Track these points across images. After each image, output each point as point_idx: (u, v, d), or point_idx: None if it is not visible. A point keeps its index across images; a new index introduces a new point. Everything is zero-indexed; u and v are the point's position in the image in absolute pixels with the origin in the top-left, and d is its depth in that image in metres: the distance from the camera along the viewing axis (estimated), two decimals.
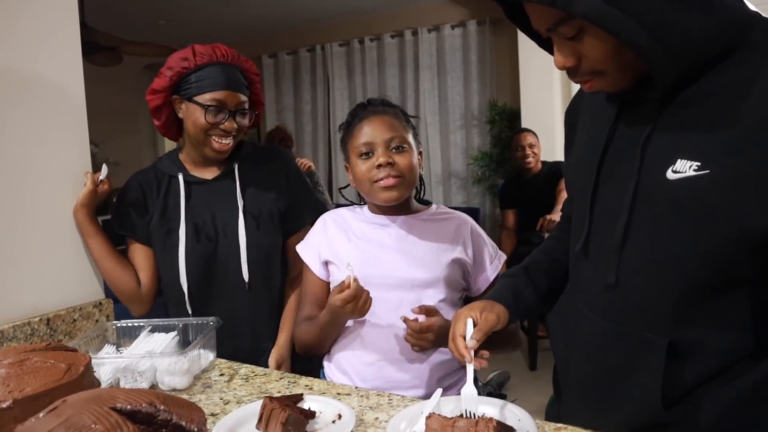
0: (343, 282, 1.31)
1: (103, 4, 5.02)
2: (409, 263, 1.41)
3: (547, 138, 4.63)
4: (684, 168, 0.85)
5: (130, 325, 1.54)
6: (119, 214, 1.71)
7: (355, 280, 1.29)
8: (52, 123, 1.59)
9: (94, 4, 4.48)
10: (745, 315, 0.89)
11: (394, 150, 1.39)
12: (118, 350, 1.47)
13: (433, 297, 1.40)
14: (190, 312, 1.66)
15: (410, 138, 1.43)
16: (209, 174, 1.72)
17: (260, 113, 1.78)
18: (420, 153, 1.47)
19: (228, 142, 1.64)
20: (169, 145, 8.23)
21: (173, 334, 1.47)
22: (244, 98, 1.65)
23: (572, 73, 0.93)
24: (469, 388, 1.12)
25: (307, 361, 1.61)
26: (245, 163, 1.73)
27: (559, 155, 4.79)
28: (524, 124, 4.85)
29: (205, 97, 1.59)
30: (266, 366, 1.48)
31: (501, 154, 5.53)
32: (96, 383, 1.06)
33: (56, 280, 1.59)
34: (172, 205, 1.69)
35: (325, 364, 1.52)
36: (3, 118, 1.48)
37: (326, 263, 1.50)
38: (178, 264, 1.64)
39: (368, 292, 1.32)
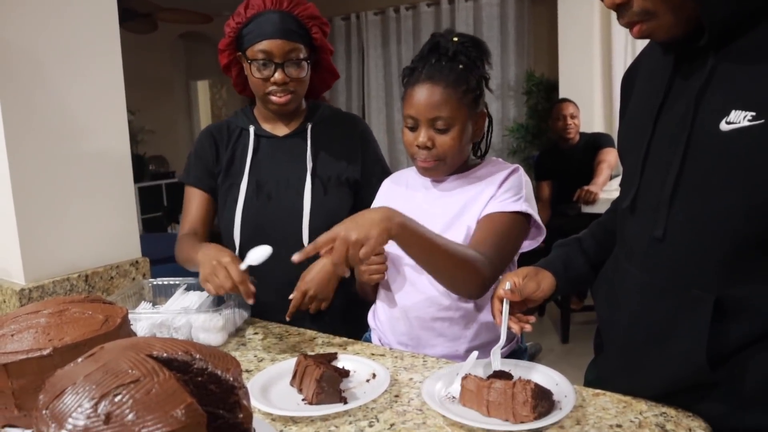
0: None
1: None
2: (438, 227, 1.30)
3: (586, 109, 4.53)
4: (738, 119, 0.82)
5: (165, 283, 1.55)
6: (189, 165, 1.67)
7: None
8: (90, 88, 1.59)
9: None
10: None
11: (437, 130, 1.29)
12: (154, 307, 1.48)
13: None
14: None
15: (463, 113, 1.29)
16: (281, 131, 1.65)
17: (328, 61, 1.65)
18: (482, 114, 1.35)
19: (286, 97, 1.55)
20: (204, 113, 8.31)
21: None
22: (295, 46, 1.51)
23: (622, 13, 0.90)
24: (497, 348, 1.12)
25: (355, 323, 1.57)
26: (320, 125, 1.66)
27: (597, 127, 4.69)
28: (562, 95, 4.75)
29: (254, 50, 1.51)
30: (316, 329, 1.46)
31: (537, 125, 5.44)
32: (133, 335, 1.07)
33: (95, 238, 1.61)
34: (239, 159, 1.64)
35: (371, 324, 1.50)
36: (42, 84, 1.49)
37: None
38: (233, 221, 1.59)
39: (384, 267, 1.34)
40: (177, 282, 1.54)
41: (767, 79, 0.81)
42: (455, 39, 1.31)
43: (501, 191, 1.34)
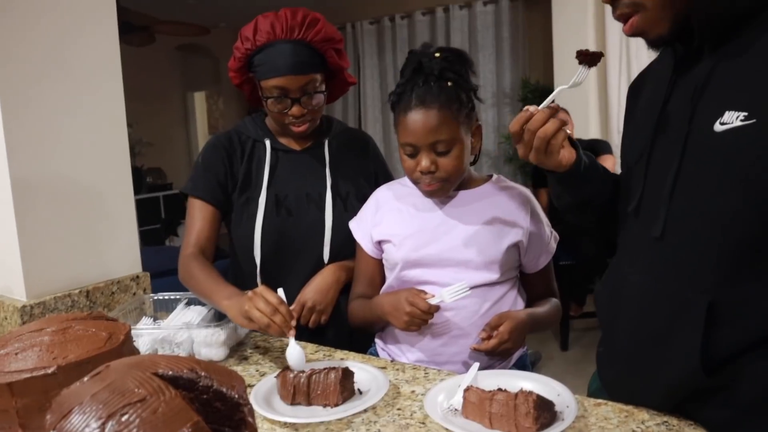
0: (427, 296, 1.29)
1: None
2: (466, 244, 1.34)
3: (581, 116, 4.55)
4: (731, 119, 0.85)
5: (166, 298, 1.56)
6: (195, 176, 1.60)
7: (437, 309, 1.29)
8: (92, 103, 1.59)
9: None
10: None
11: (438, 153, 1.30)
12: (155, 322, 1.48)
13: (486, 277, 1.35)
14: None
15: (461, 130, 1.30)
16: (297, 145, 1.63)
17: (345, 77, 1.61)
18: (477, 126, 1.37)
19: (305, 126, 1.54)
20: (201, 125, 8.31)
21: (209, 306, 1.48)
22: (310, 78, 1.49)
23: (615, 5, 0.95)
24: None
25: (361, 336, 1.54)
26: (335, 141, 1.65)
27: (593, 133, 4.71)
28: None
29: (268, 84, 1.49)
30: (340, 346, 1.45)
31: None
32: (136, 352, 1.08)
33: (95, 253, 1.61)
34: (255, 173, 1.60)
35: (377, 340, 1.51)
36: (43, 97, 1.50)
37: (379, 242, 1.45)
38: (253, 235, 1.55)
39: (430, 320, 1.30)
40: (178, 297, 1.54)
41: (758, 79, 0.84)
42: (437, 55, 1.30)
43: (545, 236, 1.42)
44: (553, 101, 1.08)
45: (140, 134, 6.75)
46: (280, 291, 1.27)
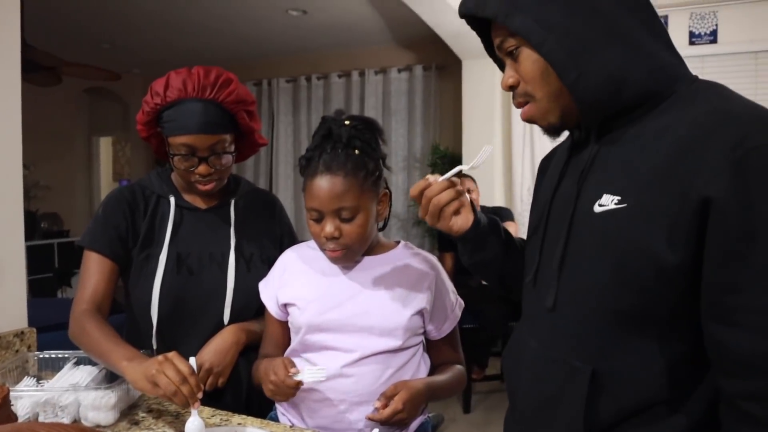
0: (293, 371, 1.27)
1: (45, 23, 4.92)
2: (369, 310, 1.35)
3: (487, 183, 4.74)
4: (607, 202, 0.94)
5: (53, 356, 1.46)
6: (94, 229, 1.52)
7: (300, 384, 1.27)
8: None
9: (35, 22, 4.38)
10: (659, 357, 0.93)
11: (343, 220, 1.31)
12: (39, 383, 1.39)
13: (389, 344, 1.35)
14: (155, 349, 1.49)
15: (366, 198, 1.31)
16: (203, 203, 1.61)
17: (255, 139, 1.60)
18: (384, 193, 1.38)
19: (211, 185, 1.52)
20: (105, 171, 8.03)
21: (99, 366, 1.40)
22: (220, 138, 1.47)
23: (514, 94, 1.04)
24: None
25: (260, 400, 1.48)
26: (241, 201, 1.64)
27: (498, 201, 4.91)
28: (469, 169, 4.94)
29: (176, 141, 1.46)
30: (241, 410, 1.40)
31: None
32: (13, 417, 1.00)
33: None
34: (158, 229, 1.55)
35: (278, 405, 1.46)
36: None
37: (285, 305, 1.43)
38: (152, 293, 1.49)
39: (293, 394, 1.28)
40: (66, 355, 1.45)
41: (633, 167, 0.93)
42: (347, 123, 1.32)
43: (450, 303, 1.45)
44: (455, 175, 1.16)
45: (38, 176, 6.43)
46: (192, 360, 1.22)
